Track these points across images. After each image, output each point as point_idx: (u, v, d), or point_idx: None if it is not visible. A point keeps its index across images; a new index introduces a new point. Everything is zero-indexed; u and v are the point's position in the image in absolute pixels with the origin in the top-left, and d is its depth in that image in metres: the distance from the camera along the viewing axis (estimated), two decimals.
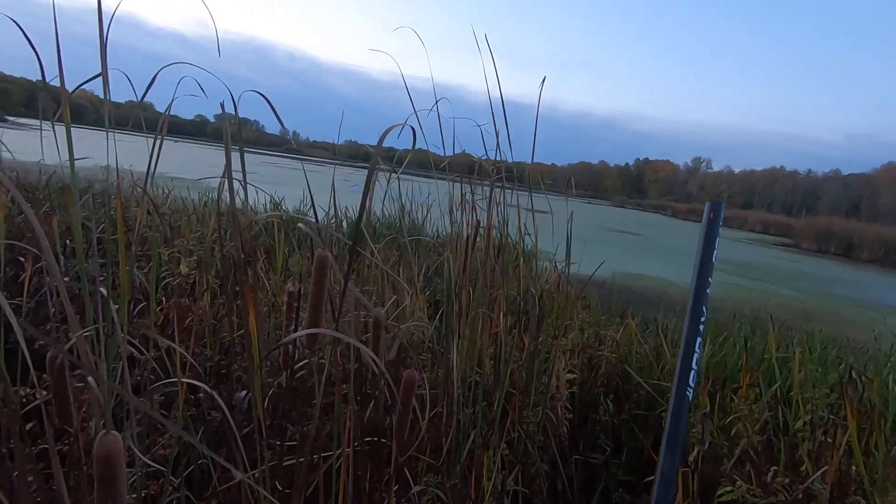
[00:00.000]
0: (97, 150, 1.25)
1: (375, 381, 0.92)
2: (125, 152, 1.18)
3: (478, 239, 1.60)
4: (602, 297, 4.17)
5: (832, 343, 3.32)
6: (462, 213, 1.58)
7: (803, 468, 1.55)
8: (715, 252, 0.56)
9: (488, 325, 1.57)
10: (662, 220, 50.26)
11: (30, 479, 0.75)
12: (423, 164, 1.66)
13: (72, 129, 0.99)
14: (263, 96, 0.82)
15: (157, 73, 0.81)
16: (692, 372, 0.51)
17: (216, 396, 0.69)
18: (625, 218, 38.99)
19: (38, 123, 1.14)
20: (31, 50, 0.85)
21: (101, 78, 0.96)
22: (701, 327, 0.53)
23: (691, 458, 1.67)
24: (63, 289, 0.45)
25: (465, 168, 1.50)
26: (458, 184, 1.58)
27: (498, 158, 1.54)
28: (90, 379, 0.49)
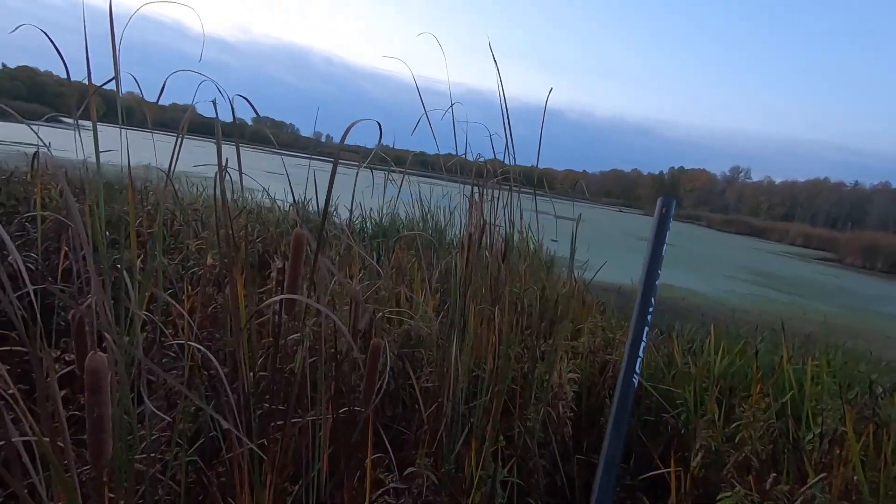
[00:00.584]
0: (140, 149, 1.37)
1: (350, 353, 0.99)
2: (171, 152, 1.28)
3: (486, 239, 1.65)
4: (623, 304, 4.14)
5: (861, 359, 3.21)
6: (472, 213, 1.64)
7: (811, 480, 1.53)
8: (665, 246, 0.59)
9: (494, 322, 1.61)
10: (696, 230, 48.90)
11: (61, 442, 0.85)
12: (453, 168, 1.73)
13: (117, 129, 1.12)
14: (246, 99, 0.90)
15: (168, 77, 0.90)
16: (639, 360, 0.54)
17: (211, 356, 0.77)
18: None
19: (89, 124, 1.25)
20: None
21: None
22: (649, 318, 0.56)
23: (694, 464, 1.67)
24: (90, 256, 0.53)
25: (472, 170, 1.56)
26: (469, 186, 1.63)
27: (513, 162, 1.59)
28: (106, 335, 0.57)
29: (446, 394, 1.34)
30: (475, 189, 1.53)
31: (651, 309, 0.55)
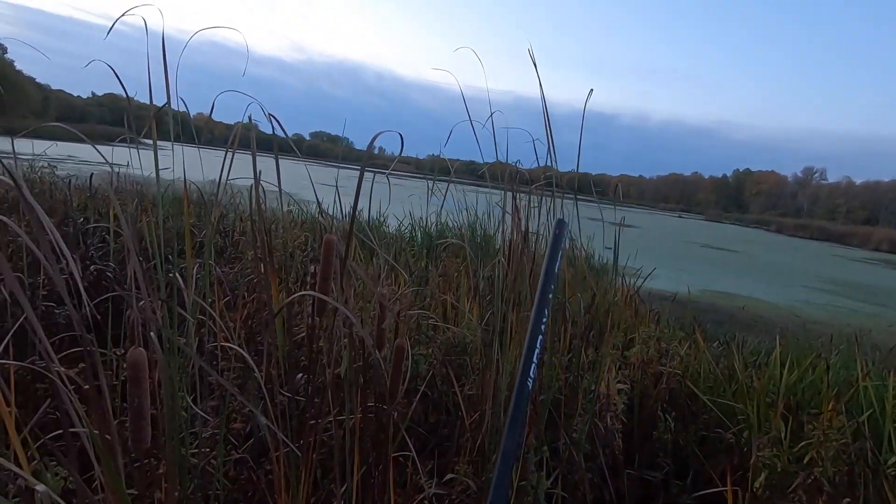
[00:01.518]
0: (206, 166, 1.47)
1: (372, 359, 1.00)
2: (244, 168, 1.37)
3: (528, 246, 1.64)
4: (679, 313, 3.96)
5: None
6: (513, 221, 1.63)
7: None
8: (558, 263, 0.68)
9: None
10: (764, 235, 45.93)
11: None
12: (498, 175, 1.75)
13: (186, 147, 1.22)
14: (274, 117, 0.94)
15: (217, 96, 0.97)
16: (533, 365, 0.62)
17: (248, 357, 0.82)
18: (720, 233, 36.16)
19: (168, 144, 1.36)
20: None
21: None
22: (543, 326, 0.64)
23: (758, 484, 1.56)
24: (136, 263, 0.58)
25: (507, 177, 1.56)
26: (510, 193, 1.63)
27: (556, 167, 1.58)
28: (151, 333, 0.63)
29: (488, 402, 1.33)
30: (516, 195, 1.53)
31: (545, 319, 0.64)
